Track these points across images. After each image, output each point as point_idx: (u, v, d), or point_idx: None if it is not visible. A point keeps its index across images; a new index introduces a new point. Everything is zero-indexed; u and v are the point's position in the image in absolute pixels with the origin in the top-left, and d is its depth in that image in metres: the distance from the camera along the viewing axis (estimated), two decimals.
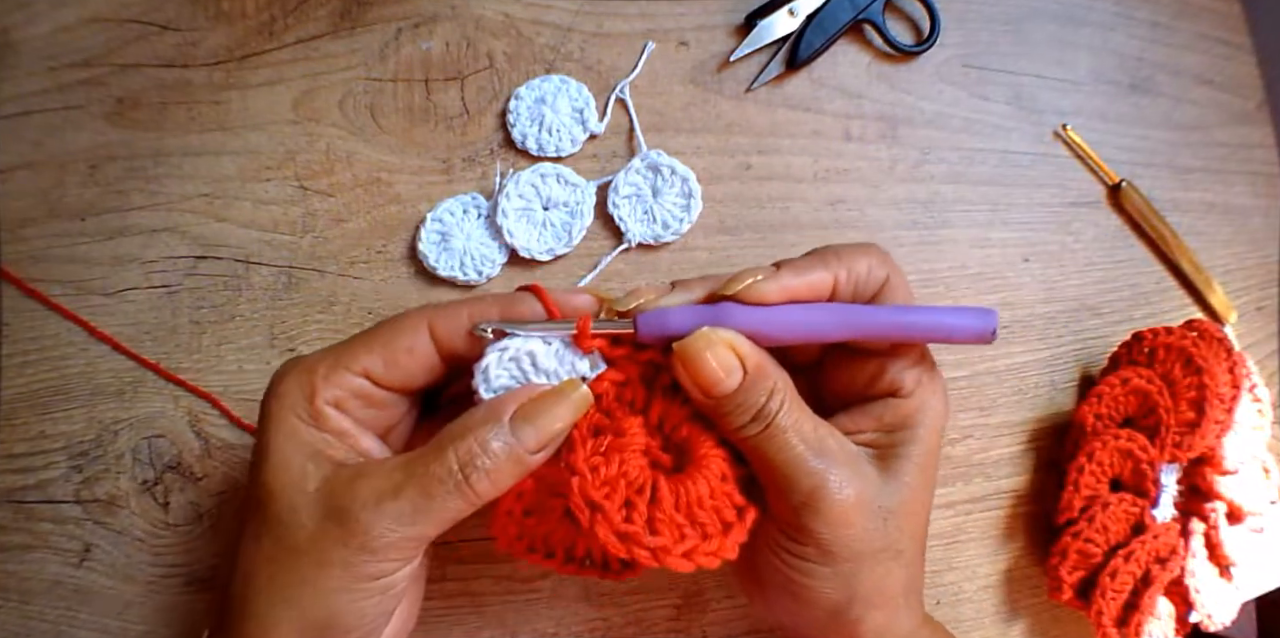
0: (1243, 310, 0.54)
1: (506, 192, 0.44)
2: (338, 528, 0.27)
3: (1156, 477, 0.45)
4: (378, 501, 0.27)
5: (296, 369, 0.29)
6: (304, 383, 0.29)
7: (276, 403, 0.29)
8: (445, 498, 0.27)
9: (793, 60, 0.48)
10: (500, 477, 0.28)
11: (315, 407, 0.28)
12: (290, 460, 0.28)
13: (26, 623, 0.40)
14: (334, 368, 0.29)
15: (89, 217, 0.43)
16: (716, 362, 0.29)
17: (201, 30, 0.45)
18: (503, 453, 0.28)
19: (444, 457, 0.27)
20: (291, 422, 0.28)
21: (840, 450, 0.31)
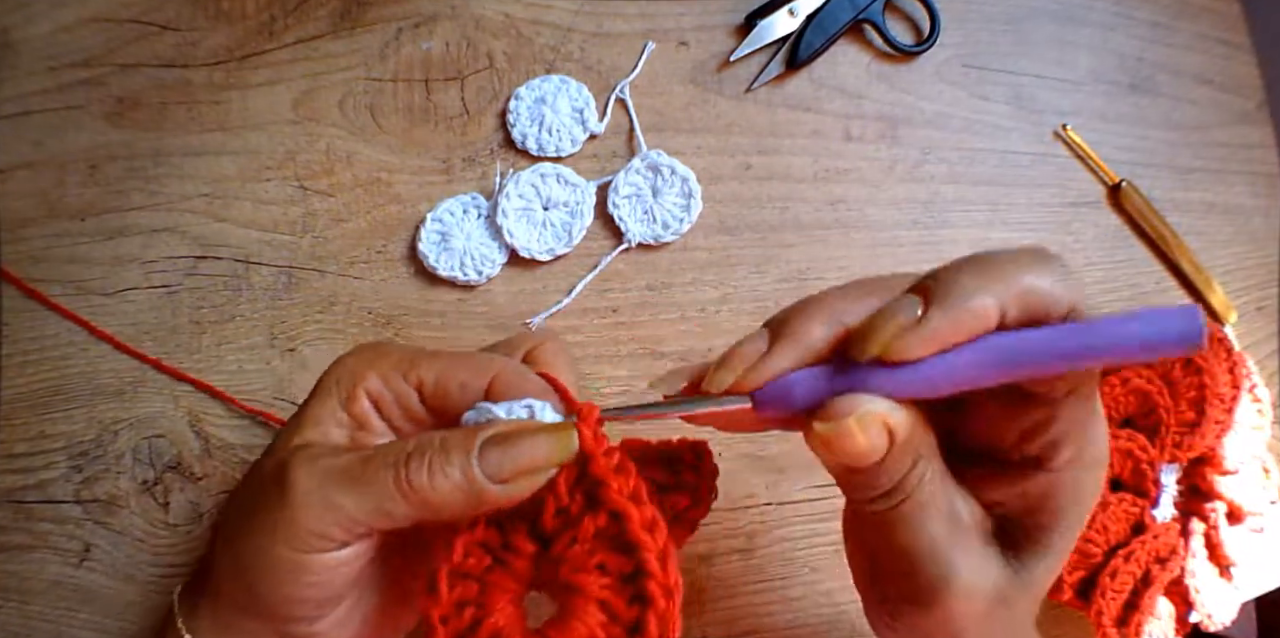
0: (1243, 310, 0.54)
1: (506, 192, 0.44)
2: (278, 472, 0.26)
3: (1156, 477, 0.45)
4: (314, 459, 0.26)
5: (368, 351, 0.29)
6: (363, 365, 0.29)
7: (333, 372, 0.29)
8: (377, 477, 0.25)
9: (793, 60, 0.48)
10: (444, 488, 0.25)
11: (354, 391, 0.28)
12: (305, 421, 0.28)
13: (27, 623, 0.40)
14: (395, 367, 0.28)
15: (89, 217, 0.43)
16: (868, 441, 0.24)
17: (201, 30, 0.45)
18: (457, 464, 0.25)
19: (401, 443, 0.26)
20: (331, 393, 0.28)
21: (974, 531, 0.26)
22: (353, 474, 0.25)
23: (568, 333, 0.44)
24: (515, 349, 0.31)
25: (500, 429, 0.26)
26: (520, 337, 0.32)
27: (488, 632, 0.25)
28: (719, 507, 0.43)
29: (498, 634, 0.25)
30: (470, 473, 0.25)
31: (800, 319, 0.25)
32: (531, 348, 0.31)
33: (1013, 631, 0.28)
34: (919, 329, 0.23)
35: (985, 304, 0.23)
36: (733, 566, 0.44)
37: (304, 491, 0.25)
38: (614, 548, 0.25)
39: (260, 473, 0.28)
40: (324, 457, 0.26)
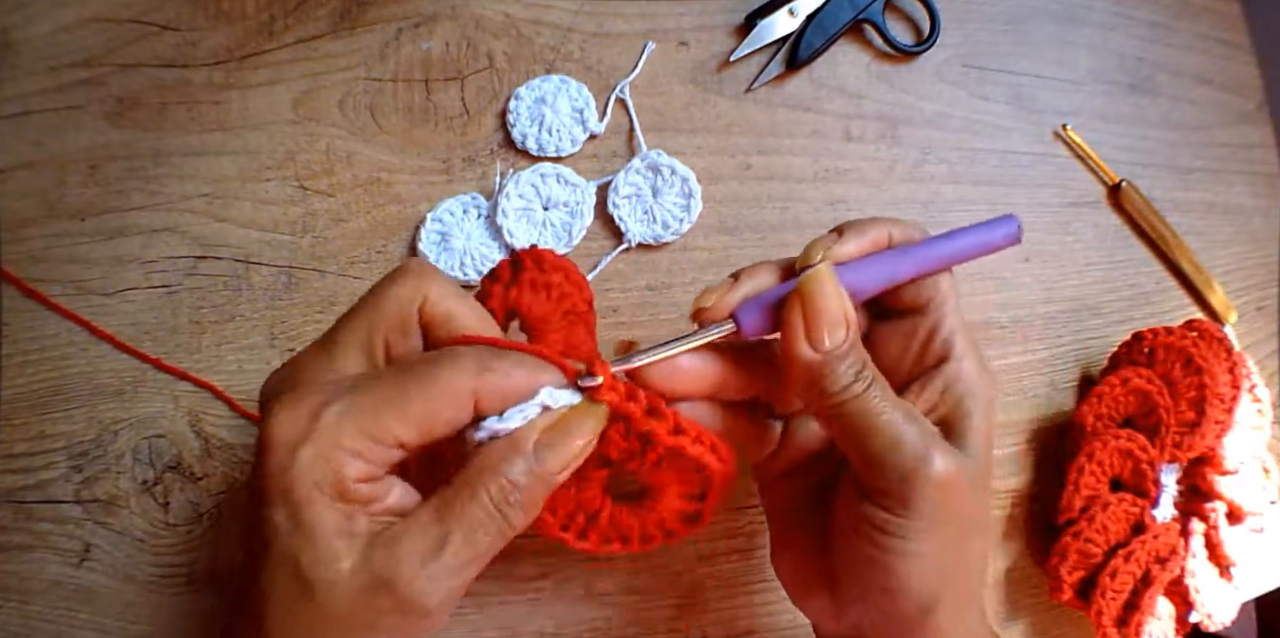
0: (1243, 310, 0.54)
1: (506, 192, 0.44)
2: (387, 598, 0.25)
3: (1156, 477, 0.45)
4: (423, 562, 0.26)
5: (319, 441, 0.25)
6: (332, 460, 0.25)
7: (299, 481, 0.25)
8: (488, 541, 0.27)
9: (793, 60, 0.48)
10: (534, 505, 0.28)
11: (346, 487, 0.26)
12: (322, 540, 0.26)
13: (27, 623, 0.40)
14: (366, 439, 0.26)
15: (89, 217, 0.43)
16: (834, 305, 0.29)
17: (201, 30, 0.45)
18: (532, 482, 0.27)
19: (479, 500, 0.27)
20: (319, 501, 0.25)
21: (927, 423, 0.31)
22: (464, 557, 0.27)
23: None
24: (407, 317, 0.28)
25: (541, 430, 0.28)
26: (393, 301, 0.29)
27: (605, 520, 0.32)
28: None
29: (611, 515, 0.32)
30: (544, 481, 0.28)
31: (749, 266, 0.32)
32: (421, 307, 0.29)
33: (980, 520, 0.32)
34: (841, 242, 0.32)
35: (878, 231, 0.32)
36: (733, 566, 0.44)
37: (433, 594, 0.26)
38: (675, 464, 0.31)
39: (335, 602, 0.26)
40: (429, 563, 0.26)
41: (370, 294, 0.29)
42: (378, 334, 0.28)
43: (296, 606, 0.26)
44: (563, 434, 0.28)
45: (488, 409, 0.27)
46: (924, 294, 0.33)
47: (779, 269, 0.32)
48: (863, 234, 0.32)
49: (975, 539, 0.31)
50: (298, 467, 0.25)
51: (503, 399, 0.27)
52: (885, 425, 0.29)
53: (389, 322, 0.28)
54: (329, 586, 0.25)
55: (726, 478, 0.32)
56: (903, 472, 0.29)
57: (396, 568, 0.26)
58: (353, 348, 0.29)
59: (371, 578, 0.25)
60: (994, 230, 0.33)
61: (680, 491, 0.33)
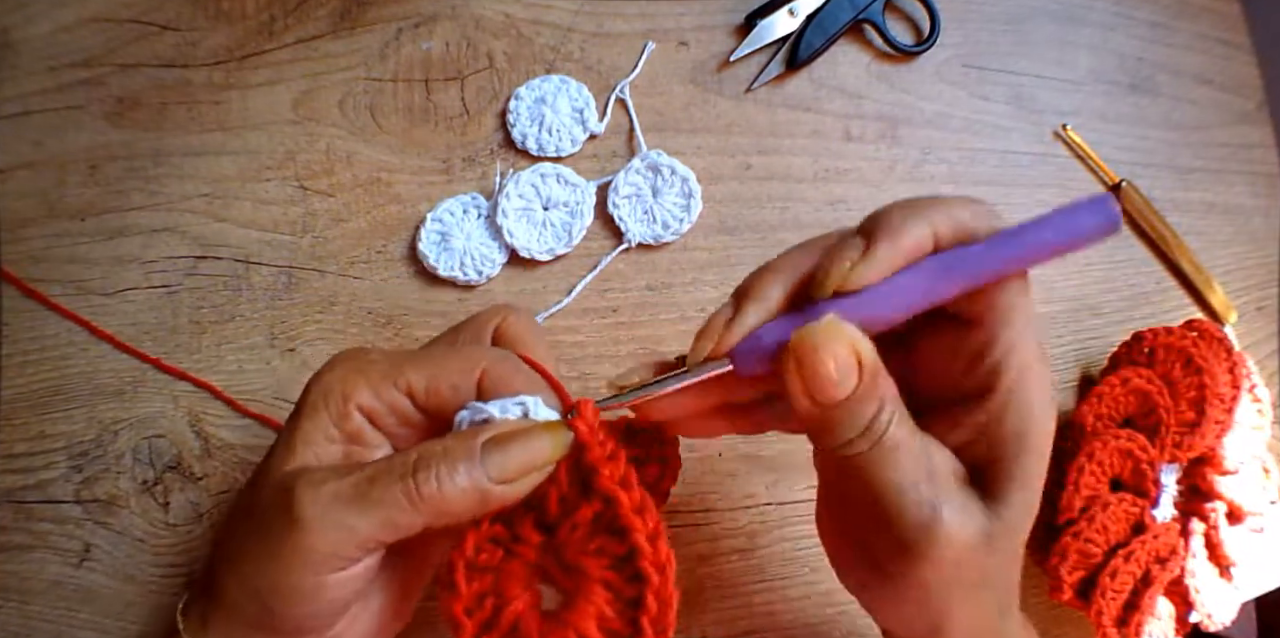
0: (1243, 310, 0.54)
1: (506, 192, 0.44)
2: (281, 498, 0.26)
3: (1156, 477, 0.45)
4: (321, 481, 0.26)
5: (350, 363, 0.29)
6: (349, 380, 0.28)
7: (317, 389, 0.28)
8: (387, 493, 0.25)
9: (793, 60, 0.48)
10: (454, 495, 0.26)
11: (346, 408, 0.28)
12: (295, 442, 0.28)
13: (27, 623, 0.40)
14: (384, 377, 0.28)
15: (89, 217, 0.43)
16: (836, 362, 0.25)
17: (201, 30, 0.45)
18: (463, 470, 0.26)
19: (403, 456, 0.26)
20: (320, 411, 0.28)
21: (948, 472, 0.27)
22: (361, 494, 0.26)
23: (568, 333, 0.44)
24: (483, 328, 0.31)
25: (498, 431, 0.27)
26: (484, 315, 0.31)
27: (509, 618, 0.26)
28: (718, 507, 0.43)
29: (519, 620, 0.26)
30: (476, 477, 0.26)
31: (758, 280, 0.27)
32: (499, 323, 0.31)
33: (997, 578, 0.28)
34: (867, 259, 0.25)
35: (920, 230, 0.26)
36: (733, 566, 0.44)
37: (313, 516, 0.25)
38: (609, 532, 0.27)
39: (260, 498, 0.27)
40: (328, 481, 0.26)
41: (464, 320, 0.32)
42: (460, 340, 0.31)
43: (240, 504, 0.29)
44: (518, 443, 0.26)
45: (488, 389, 0.28)
46: (979, 302, 0.27)
47: (788, 286, 0.27)
48: (897, 242, 0.26)
49: (987, 592, 0.28)
50: (325, 378, 0.28)
51: (501, 386, 0.28)
52: (889, 491, 0.26)
53: (468, 333, 0.31)
54: (264, 478, 0.28)
55: (662, 596, 0.26)
56: (902, 544, 0.26)
57: (300, 477, 0.26)
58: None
59: (284, 483, 0.26)
60: (1078, 219, 0.25)
61: (608, 598, 0.26)
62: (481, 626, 0.26)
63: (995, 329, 0.27)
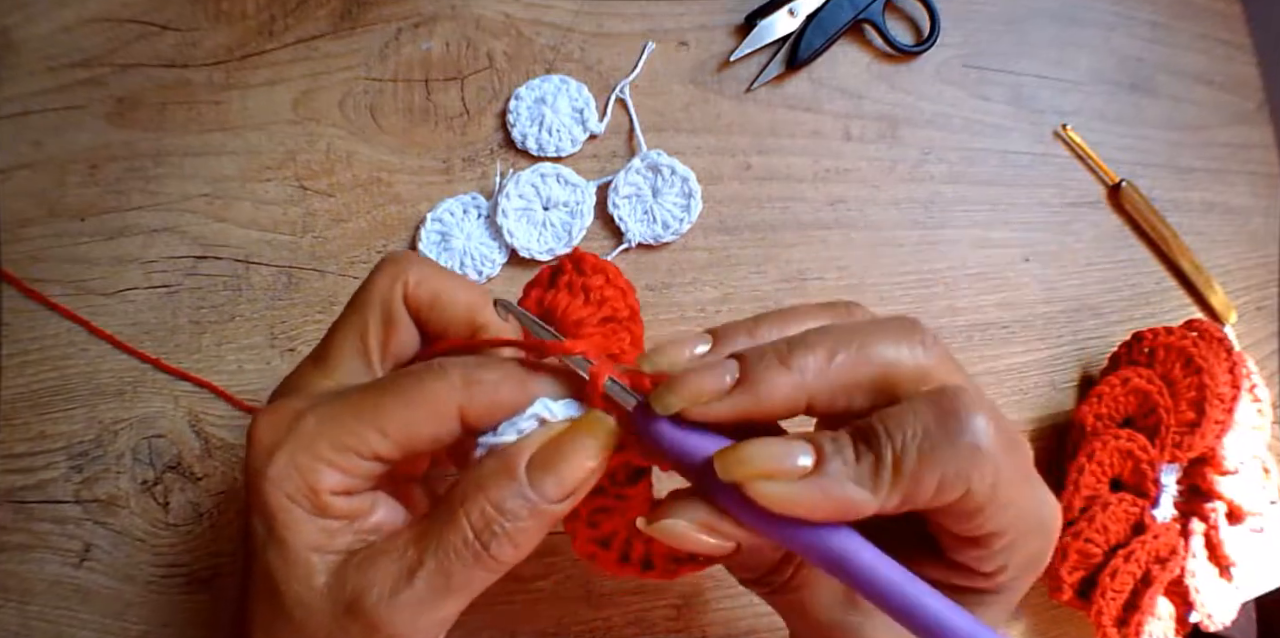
0: (1243, 310, 0.54)
1: (506, 192, 0.44)
2: (355, 624, 0.24)
3: (1156, 477, 0.45)
4: (394, 589, 0.24)
5: (292, 448, 0.24)
6: (305, 469, 0.24)
7: (273, 491, 0.24)
8: (465, 573, 0.24)
9: (793, 60, 0.48)
10: (524, 537, 0.24)
11: (320, 502, 0.24)
12: (295, 553, 0.24)
13: (27, 623, 0.40)
14: (339, 450, 0.24)
15: (89, 217, 0.43)
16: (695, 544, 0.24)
17: (201, 30, 0.45)
18: (523, 511, 0.24)
19: (457, 525, 0.24)
20: (294, 512, 0.24)
21: None
22: (440, 588, 0.24)
23: None
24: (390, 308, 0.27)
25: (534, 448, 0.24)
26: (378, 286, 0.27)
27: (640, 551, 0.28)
28: None
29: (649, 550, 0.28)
30: (538, 509, 0.24)
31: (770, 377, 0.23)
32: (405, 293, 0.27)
33: None
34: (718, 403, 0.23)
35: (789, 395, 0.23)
36: None
37: (402, 621, 0.24)
38: None
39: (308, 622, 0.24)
40: (400, 590, 0.24)
41: (354, 295, 0.28)
42: (368, 335, 0.27)
43: (274, 621, 0.25)
44: (562, 454, 0.24)
45: (479, 424, 0.25)
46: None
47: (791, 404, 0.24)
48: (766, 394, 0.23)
49: None
50: (271, 473, 0.24)
51: (492, 414, 0.25)
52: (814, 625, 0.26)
53: (375, 318, 0.27)
54: (300, 602, 0.24)
55: None
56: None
57: (365, 592, 0.24)
58: (346, 354, 0.27)
59: (341, 599, 0.24)
60: None
61: None
62: (620, 553, 0.28)
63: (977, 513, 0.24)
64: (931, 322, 0.48)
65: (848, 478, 0.22)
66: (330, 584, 0.24)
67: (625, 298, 0.30)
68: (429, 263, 0.28)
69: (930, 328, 0.25)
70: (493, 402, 0.25)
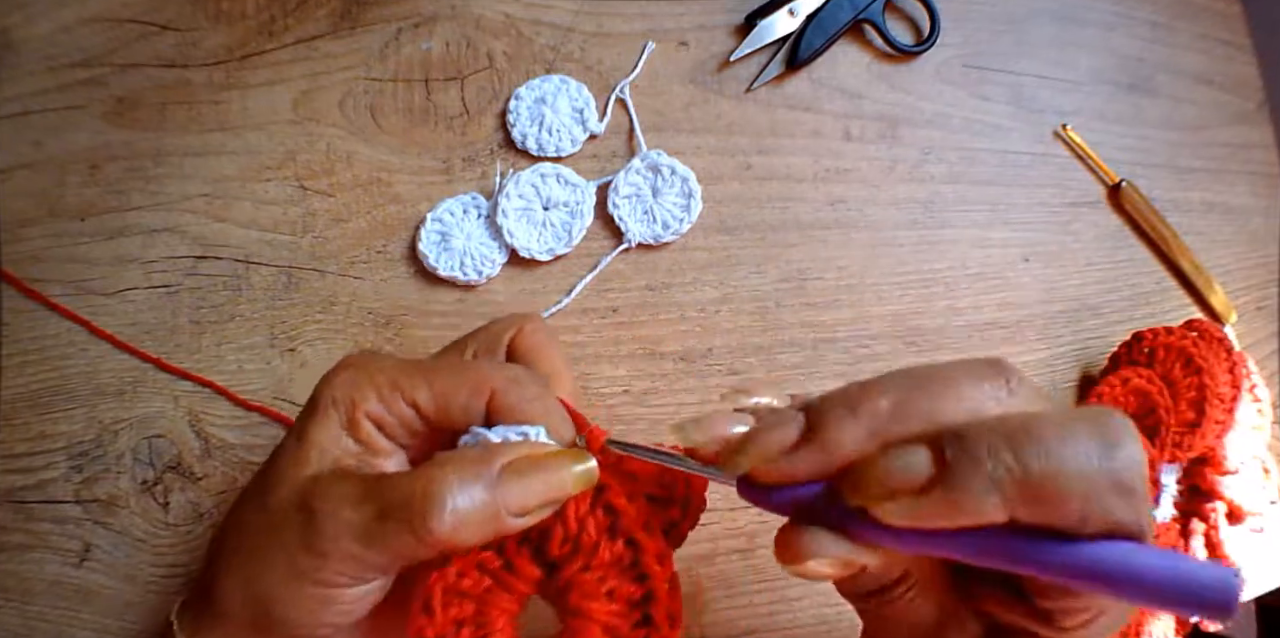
0: (1243, 310, 0.54)
1: (506, 192, 0.44)
2: (298, 518, 0.26)
3: (1156, 477, 0.45)
4: (338, 504, 0.26)
5: (360, 370, 0.28)
6: (359, 387, 0.28)
7: (326, 393, 0.28)
8: (397, 527, 0.24)
9: (793, 60, 0.48)
10: (466, 527, 0.24)
11: (355, 416, 0.28)
12: (306, 444, 0.28)
13: (27, 623, 0.40)
14: (392, 388, 0.28)
15: (89, 217, 0.43)
16: (828, 572, 0.22)
17: (201, 30, 0.45)
18: (476, 500, 0.24)
19: (413, 480, 0.25)
20: (330, 415, 0.28)
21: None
22: (372, 532, 0.25)
23: (568, 333, 0.44)
24: (498, 338, 0.31)
25: (516, 456, 0.26)
26: (499, 324, 0.32)
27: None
28: (719, 507, 0.43)
29: None
30: (490, 508, 0.25)
31: (837, 425, 0.22)
32: (514, 334, 0.31)
33: None
34: (785, 460, 0.22)
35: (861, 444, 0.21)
36: (733, 566, 0.44)
37: (330, 538, 0.25)
38: (626, 576, 0.25)
39: (273, 503, 0.27)
40: (343, 508, 0.25)
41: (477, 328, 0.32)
42: (469, 350, 0.31)
43: (249, 507, 0.28)
44: (537, 470, 0.25)
45: (495, 416, 0.27)
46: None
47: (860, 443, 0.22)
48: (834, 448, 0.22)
49: None
50: (332, 382, 0.28)
51: (510, 412, 0.27)
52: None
53: (482, 342, 0.32)
54: (278, 486, 0.27)
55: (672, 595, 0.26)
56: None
57: (321, 496, 0.26)
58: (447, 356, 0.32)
59: (302, 496, 0.26)
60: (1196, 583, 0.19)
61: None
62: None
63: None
64: (931, 322, 0.48)
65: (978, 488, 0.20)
66: (309, 479, 0.27)
67: None
68: (542, 323, 0.32)
69: (1018, 369, 0.22)
70: (518, 403, 0.27)
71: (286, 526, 0.26)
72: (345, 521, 0.25)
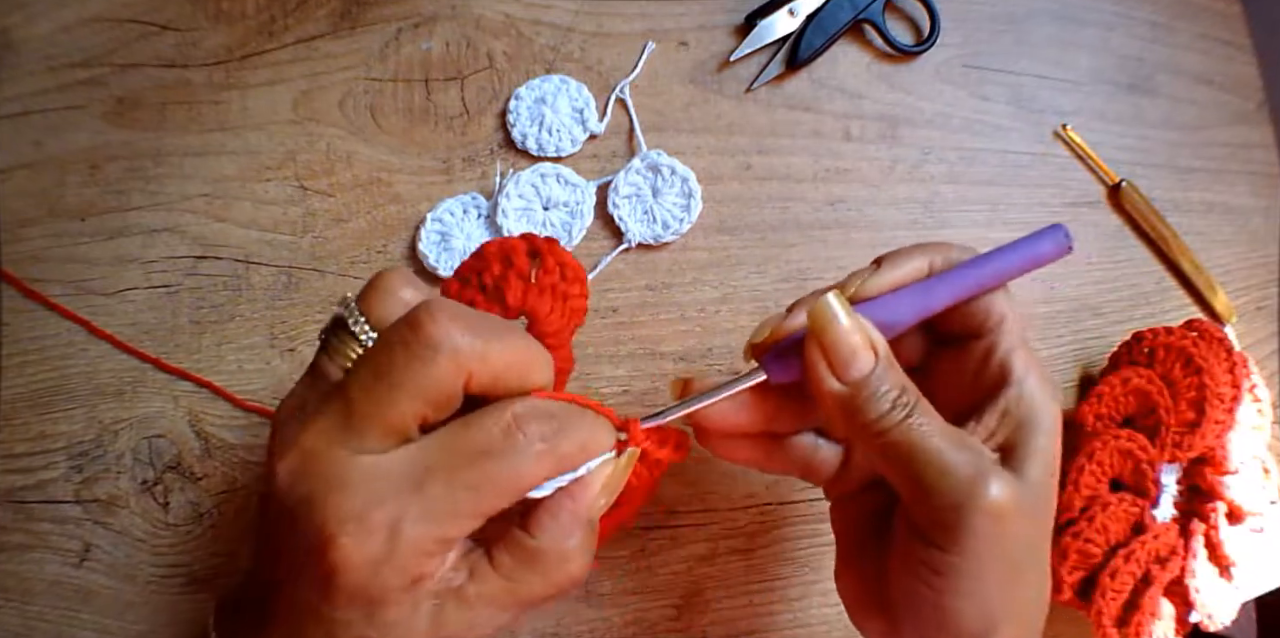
0: (1243, 310, 0.54)
1: (506, 192, 0.44)
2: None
3: (1156, 477, 0.45)
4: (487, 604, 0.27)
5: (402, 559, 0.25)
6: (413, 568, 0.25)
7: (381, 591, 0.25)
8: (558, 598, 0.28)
9: (793, 60, 0.48)
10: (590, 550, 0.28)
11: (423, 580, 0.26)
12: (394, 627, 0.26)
13: (27, 623, 0.40)
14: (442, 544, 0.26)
15: (89, 217, 0.43)
16: (850, 333, 0.28)
17: (201, 30, 0.45)
18: (590, 537, 0.28)
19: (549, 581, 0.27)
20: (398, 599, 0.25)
21: (983, 449, 0.29)
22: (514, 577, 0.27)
23: None
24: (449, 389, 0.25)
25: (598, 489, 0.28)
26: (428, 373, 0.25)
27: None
28: (719, 507, 0.43)
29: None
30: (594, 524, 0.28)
31: (809, 295, 0.32)
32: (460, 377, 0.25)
33: (1034, 552, 0.30)
34: (874, 276, 0.31)
35: (918, 261, 0.31)
36: (733, 566, 0.44)
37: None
38: None
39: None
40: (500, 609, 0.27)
41: (398, 368, 0.25)
42: (412, 419, 0.25)
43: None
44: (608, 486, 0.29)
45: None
46: (976, 317, 0.31)
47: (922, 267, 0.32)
48: (899, 265, 0.31)
49: (1031, 571, 0.30)
50: (380, 582, 0.24)
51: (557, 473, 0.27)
52: (931, 454, 0.28)
53: (428, 405, 0.25)
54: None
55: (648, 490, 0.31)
56: (953, 502, 0.28)
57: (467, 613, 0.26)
58: (379, 430, 0.25)
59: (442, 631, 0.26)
60: (1039, 243, 0.31)
61: None
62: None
63: (995, 333, 0.31)
64: None
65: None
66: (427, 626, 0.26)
67: (583, 301, 0.32)
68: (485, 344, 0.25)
69: None
70: (566, 467, 0.27)
71: None
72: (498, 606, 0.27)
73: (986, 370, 0.31)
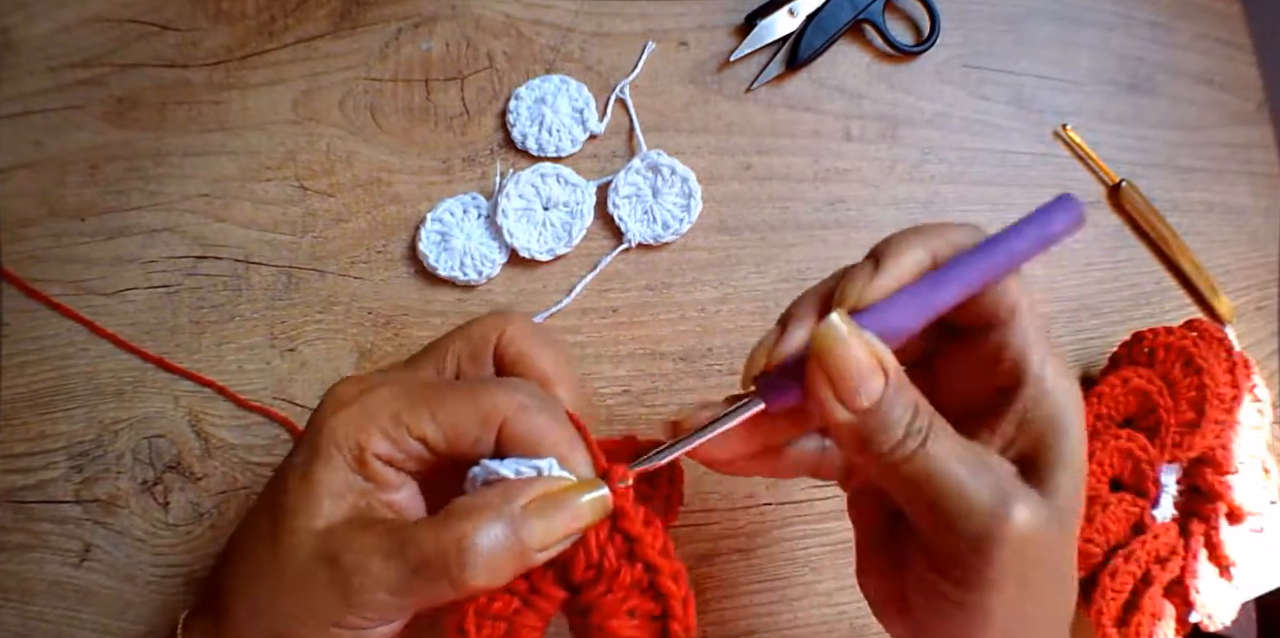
0: (1243, 310, 0.54)
1: (506, 192, 0.44)
2: (325, 572, 0.26)
3: (1156, 477, 0.45)
4: (366, 557, 0.26)
5: (360, 407, 0.27)
6: (363, 427, 0.27)
7: (327, 435, 0.27)
8: (432, 580, 0.25)
9: (793, 60, 0.48)
10: (497, 570, 0.26)
11: (363, 457, 0.27)
12: (316, 489, 0.27)
13: (26, 623, 0.40)
14: (397, 424, 0.27)
15: (89, 217, 0.43)
16: (857, 358, 0.25)
17: (201, 30, 0.45)
18: (504, 545, 0.25)
19: (442, 535, 0.25)
20: (336, 458, 0.27)
21: (1002, 463, 0.27)
22: (404, 583, 0.25)
23: (567, 333, 0.44)
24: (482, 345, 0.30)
25: (535, 493, 0.26)
26: (479, 327, 0.31)
27: None
28: (719, 507, 0.43)
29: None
30: (517, 549, 0.26)
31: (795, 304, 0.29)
32: (499, 338, 0.30)
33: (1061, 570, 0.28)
34: (876, 278, 0.27)
35: (918, 252, 0.28)
36: (733, 566, 0.44)
37: (362, 590, 0.25)
38: (645, 596, 0.28)
39: (288, 550, 0.26)
40: (373, 560, 0.25)
41: (451, 331, 0.31)
42: (451, 356, 0.30)
43: (260, 546, 0.27)
44: (556, 507, 0.26)
45: (506, 444, 0.27)
46: (986, 307, 0.28)
47: (819, 305, 0.28)
48: (899, 261, 0.27)
49: (1060, 589, 0.28)
50: (332, 424, 0.27)
51: (520, 442, 0.27)
52: (950, 486, 0.25)
53: (465, 348, 0.30)
54: (291, 535, 0.26)
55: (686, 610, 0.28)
56: (974, 535, 0.25)
57: (346, 548, 0.26)
58: (427, 365, 0.31)
59: (324, 549, 0.26)
60: (1049, 219, 0.28)
61: None
62: None
63: (1008, 325, 0.28)
64: None
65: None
66: (326, 531, 0.26)
67: None
68: (530, 324, 0.31)
69: None
70: (529, 433, 0.27)
71: (309, 575, 0.26)
72: (377, 574, 0.25)
73: (999, 366, 0.28)
